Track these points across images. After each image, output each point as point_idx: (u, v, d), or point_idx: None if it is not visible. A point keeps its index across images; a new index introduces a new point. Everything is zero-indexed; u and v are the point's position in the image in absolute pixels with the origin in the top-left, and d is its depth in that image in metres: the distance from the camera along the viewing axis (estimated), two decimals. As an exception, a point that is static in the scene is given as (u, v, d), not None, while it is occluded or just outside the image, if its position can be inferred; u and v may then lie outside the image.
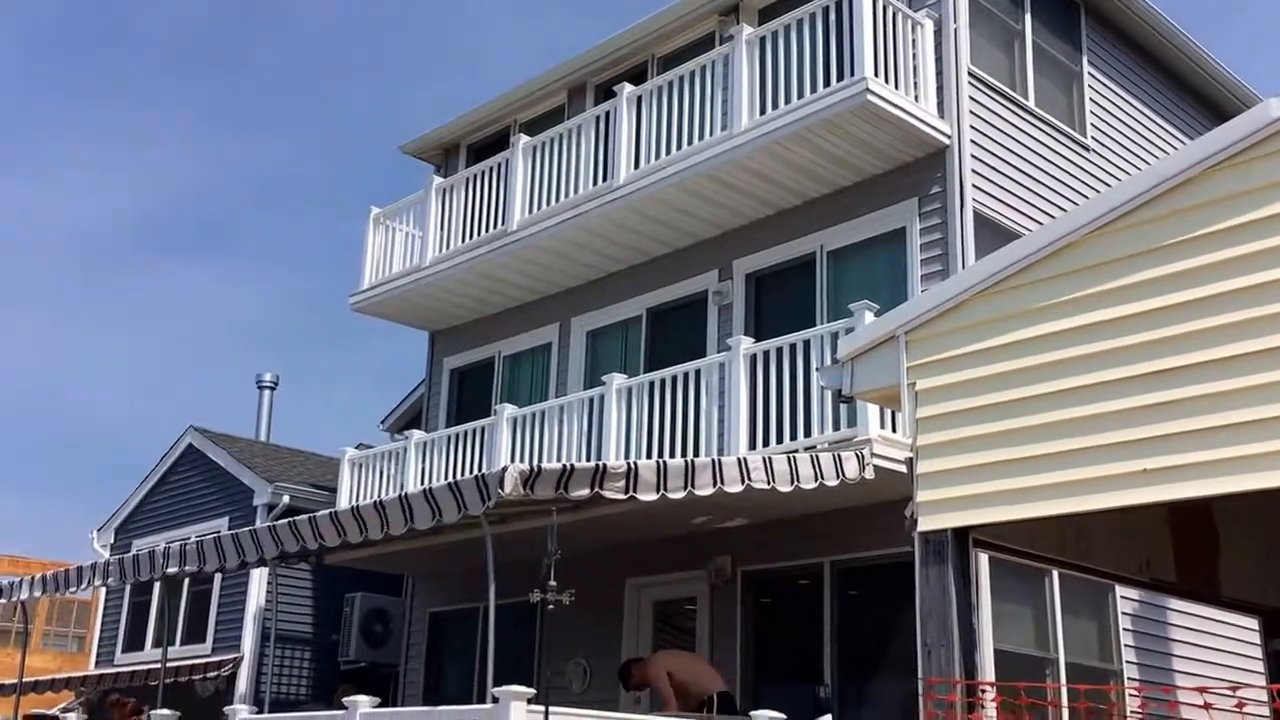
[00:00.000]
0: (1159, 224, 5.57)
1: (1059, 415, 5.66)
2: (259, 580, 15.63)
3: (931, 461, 5.98)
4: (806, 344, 10.45)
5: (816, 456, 9.61)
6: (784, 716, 8.46)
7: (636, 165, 12.52)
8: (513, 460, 12.25)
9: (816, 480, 9.50)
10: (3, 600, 13.20)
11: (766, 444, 10.60)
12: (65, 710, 13.40)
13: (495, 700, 7.09)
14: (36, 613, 21.21)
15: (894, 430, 10.05)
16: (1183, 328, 5.41)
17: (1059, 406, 5.66)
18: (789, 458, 9.45)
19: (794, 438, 10.47)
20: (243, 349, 78.25)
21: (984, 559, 7.99)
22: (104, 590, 18.90)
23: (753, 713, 8.49)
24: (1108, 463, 5.49)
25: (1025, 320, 5.89)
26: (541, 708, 7.10)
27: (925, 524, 5.85)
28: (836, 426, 10.25)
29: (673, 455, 10.88)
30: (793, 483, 9.35)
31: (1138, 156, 13.22)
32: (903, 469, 9.65)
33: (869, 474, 9.72)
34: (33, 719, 12.47)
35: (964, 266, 10.23)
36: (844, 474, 9.61)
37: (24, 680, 13.22)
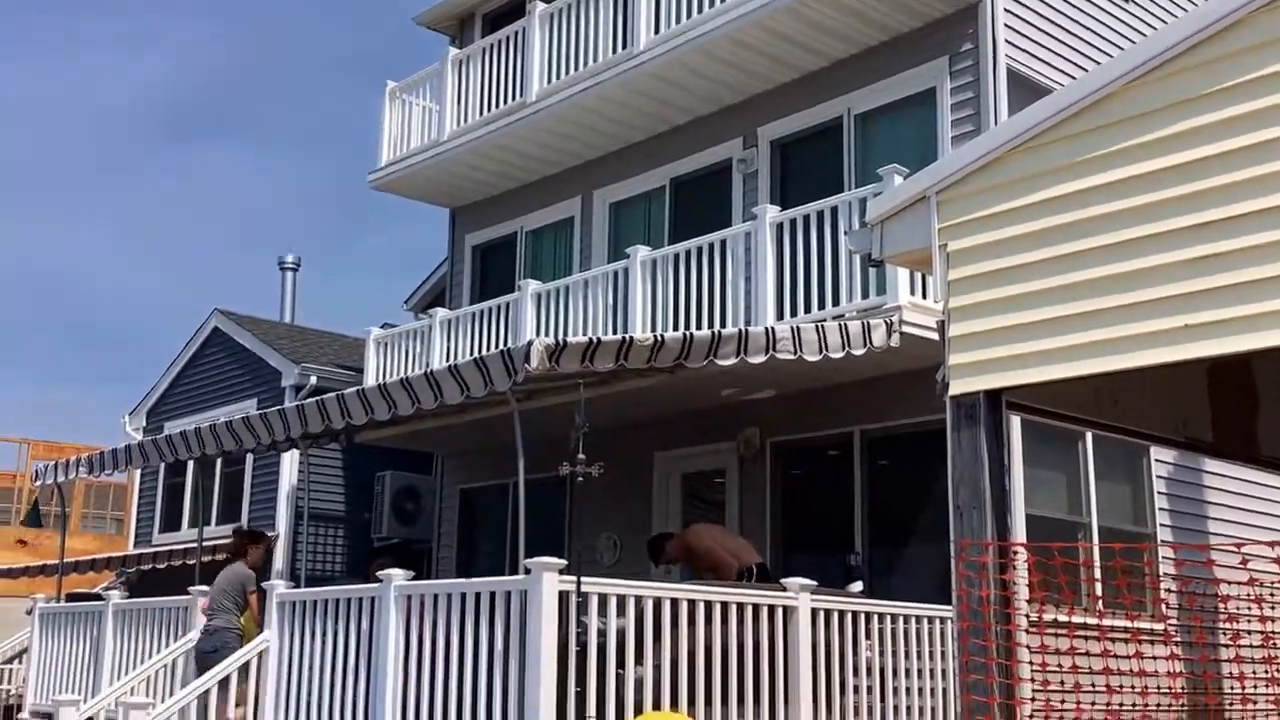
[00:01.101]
0: (1201, 71, 5.33)
1: (1096, 273, 5.50)
2: (291, 460, 15.75)
3: (964, 324, 5.84)
4: (834, 211, 10.24)
5: (845, 325, 9.48)
6: (815, 583, 8.47)
7: (656, 30, 12.18)
8: (538, 336, 12.18)
9: (845, 349, 9.38)
10: (41, 483, 13.37)
11: (794, 314, 10.46)
12: (107, 589, 13.62)
13: (527, 571, 7.10)
14: (74, 496, 21.53)
15: (924, 296, 9.88)
16: (1225, 178, 5.21)
17: (1096, 264, 5.50)
18: (817, 327, 9.33)
19: (822, 307, 10.32)
20: (265, 233, 78.16)
21: (1016, 424, 7.91)
22: (139, 473, 19.15)
23: (784, 580, 8.50)
24: (1146, 320, 5.34)
25: (1061, 176, 5.70)
26: (573, 578, 7.11)
27: (957, 387, 5.74)
28: (865, 294, 10.09)
29: (699, 327, 10.77)
30: (821, 352, 9.24)
31: (1178, 5, 12.73)
32: (933, 336, 9.53)
33: (898, 341, 9.59)
34: (76, 598, 12.70)
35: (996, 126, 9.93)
36: (873, 342, 9.48)
37: (65, 561, 13.45)
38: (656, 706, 7.38)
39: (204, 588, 9.76)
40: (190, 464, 15.93)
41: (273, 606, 8.82)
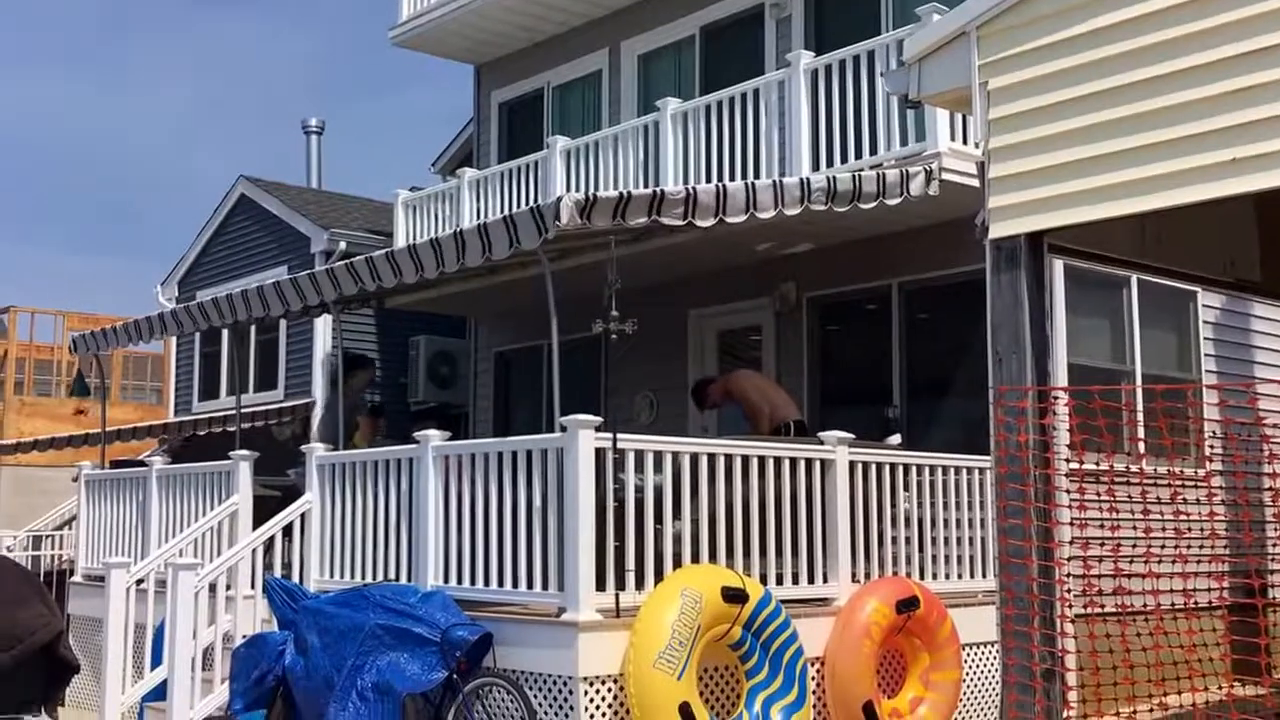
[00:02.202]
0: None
1: (1141, 107, 5.28)
2: (324, 327, 15.77)
3: (1004, 165, 5.65)
4: (870, 55, 9.92)
5: (883, 174, 9.26)
6: (852, 436, 8.43)
7: None
8: (567, 193, 12.01)
9: (882, 199, 9.19)
10: (79, 354, 13.47)
11: (830, 164, 10.24)
12: (151, 456, 13.82)
13: (564, 429, 7.09)
14: (113, 367, 21.77)
15: (964, 142, 9.62)
16: (1275, 3, 4.94)
17: (1141, 97, 5.27)
18: (854, 176, 9.12)
19: (859, 156, 10.09)
20: (288, 98, 77.44)
21: (1059, 271, 7.72)
22: (175, 344, 19.29)
23: (821, 433, 8.46)
24: (1193, 154, 5.14)
25: (1105, 5, 5.43)
26: (609, 435, 7.09)
27: (997, 230, 5.57)
28: (904, 142, 9.84)
29: (733, 181, 10.56)
30: (857, 202, 9.04)
31: None
32: (973, 183, 9.28)
33: (937, 190, 9.38)
34: (120, 465, 12.89)
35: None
36: (911, 191, 9.27)
37: (108, 430, 13.61)
38: (695, 560, 7.43)
39: (245, 452, 9.84)
40: (225, 333, 16.00)
41: (313, 469, 8.89)
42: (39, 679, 8.53)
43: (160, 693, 8.58)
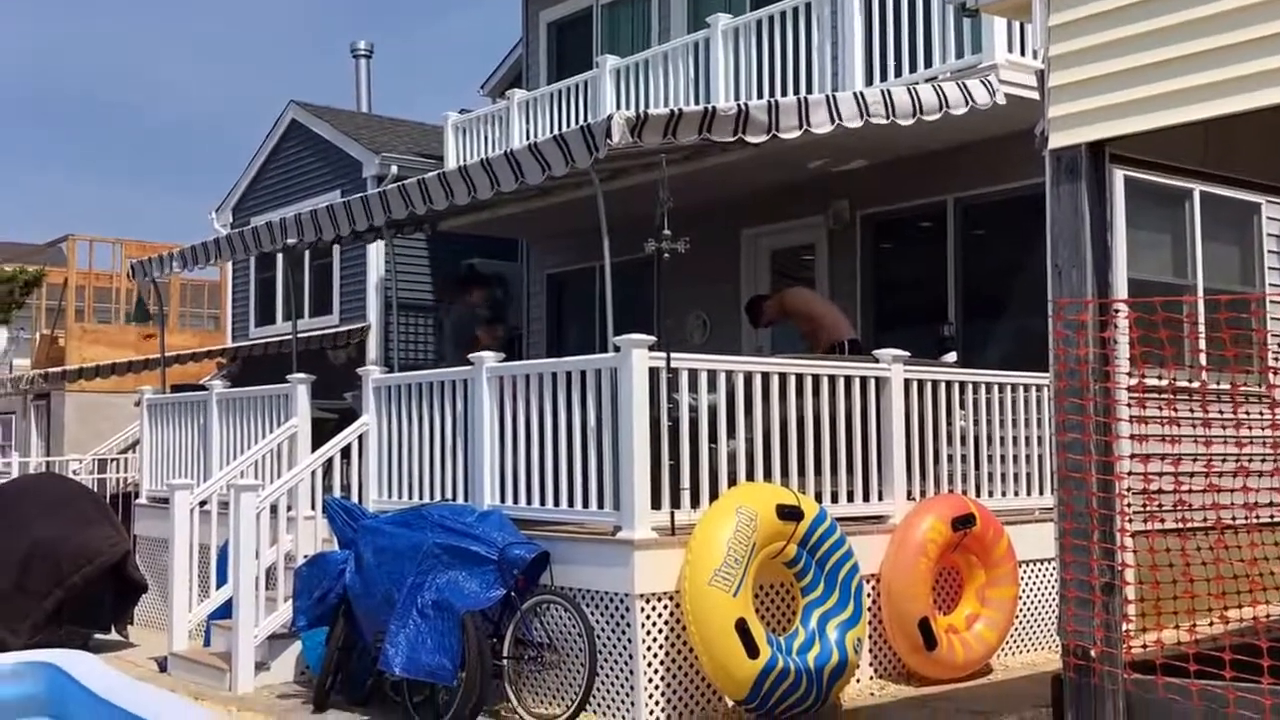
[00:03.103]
0: None
1: (1209, 9, 5.09)
2: (377, 252, 15.85)
3: (1065, 72, 5.49)
4: (925, -35, 9.69)
5: (939, 86, 9.09)
6: (907, 354, 8.37)
7: None
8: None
9: (939, 111, 9.02)
10: (138, 279, 13.63)
11: (884, 79, 10.07)
12: (211, 379, 14.02)
13: (617, 349, 7.09)
14: (170, 294, 22.03)
15: (1022, 54, 9.42)
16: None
17: None
18: (909, 89, 8.96)
19: (913, 70, 9.91)
20: (338, 21, 77.16)
21: (1120, 183, 7.56)
22: (231, 270, 19.48)
23: (876, 351, 8.41)
24: (1261, 58, 4.96)
25: (1176, -96, 5.23)
26: (663, 354, 7.09)
27: (1057, 140, 5.44)
28: (960, 54, 9.65)
29: (784, 97, 10.41)
30: (913, 115, 8.89)
31: None
32: (1030, 95, 9.11)
33: (996, 101, 9.20)
34: (181, 389, 13.09)
35: None
36: (969, 102, 9.10)
37: (167, 355, 13.81)
38: (750, 479, 7.44)
39: (302, 375, 9.94)
40: (279, 259, 16.11)
41: (369, 391, 8.98)
42: (109, 598, 8.83)
43: (225, 611, 8.78)
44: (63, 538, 9.64)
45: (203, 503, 9.40)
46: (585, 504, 7.30)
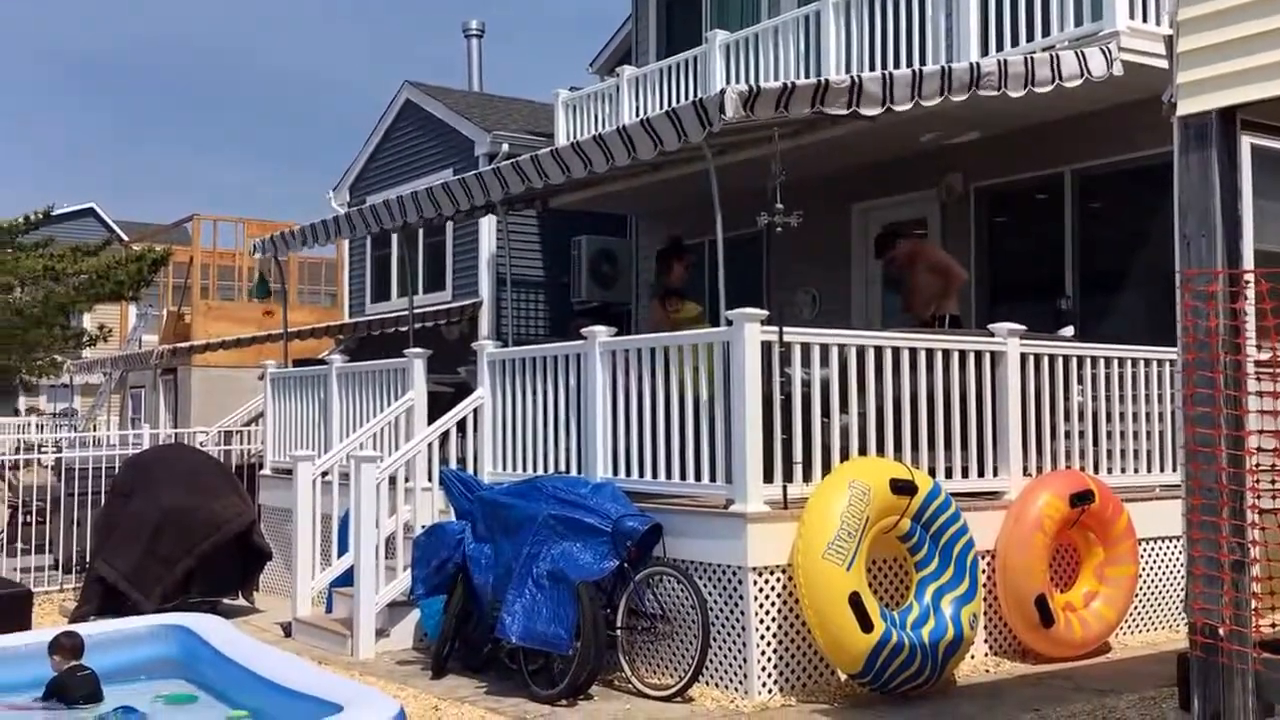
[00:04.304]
0: None
1: (1350, -30, 4.93)
2: (489, 228, 16.07)
3: (1195, 36, 5.35)
4: (1043, -69, 9.49)
5: (1057, 56, 8.91)
6: (1024, 328, 8.25)
7: None
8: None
9: (1056, 82, 8.85)
10: (259, 257, 13.99)
11: (1000, 49, 9.90)
12: (330, 354, 14.36)
13: (729, 323, 7.11)
14: (290, 271, 22.58)
15: (1144, 20, 9.19)
16: None
17: (1351, -40, 4.93)
18: (1026, 59, 8.79)
19: (1030, 39, 9.73)
20: (449, 2, 77.91)
21: (1246, 151, 7.34)
22: (348, 249, 19.90)
23: (991, 325, 8.31)
24: (1407, 21, 4.79)
25: None
26: (775, 329, 7.09)
27: (1186, 107, 5.31)
28: (1079, 21, 9.45)
29: (897, 69, 10.30)
30: (1030, 86, 8.73)
31: None
32: (1153, 62, 8.89)
33: (1116, 70, 9.00)
34: (301, 364, 13.43)
35: None
36: (1088, 72, 8.91)
37: (288, 330, 14.18)
38: (863, 453, 7.42)
39: (419, 350, 10.15)
40: (394, 236, 16.41)
41: (484, 365, 9.12)
42: (235, 565, 9.11)
43: (346, 579, 9.01)
44: (193, 507, 9.98)
45: (324, 473, 9.65)
46: (697, 477, 7.35)
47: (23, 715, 6.27)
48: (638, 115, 12.99)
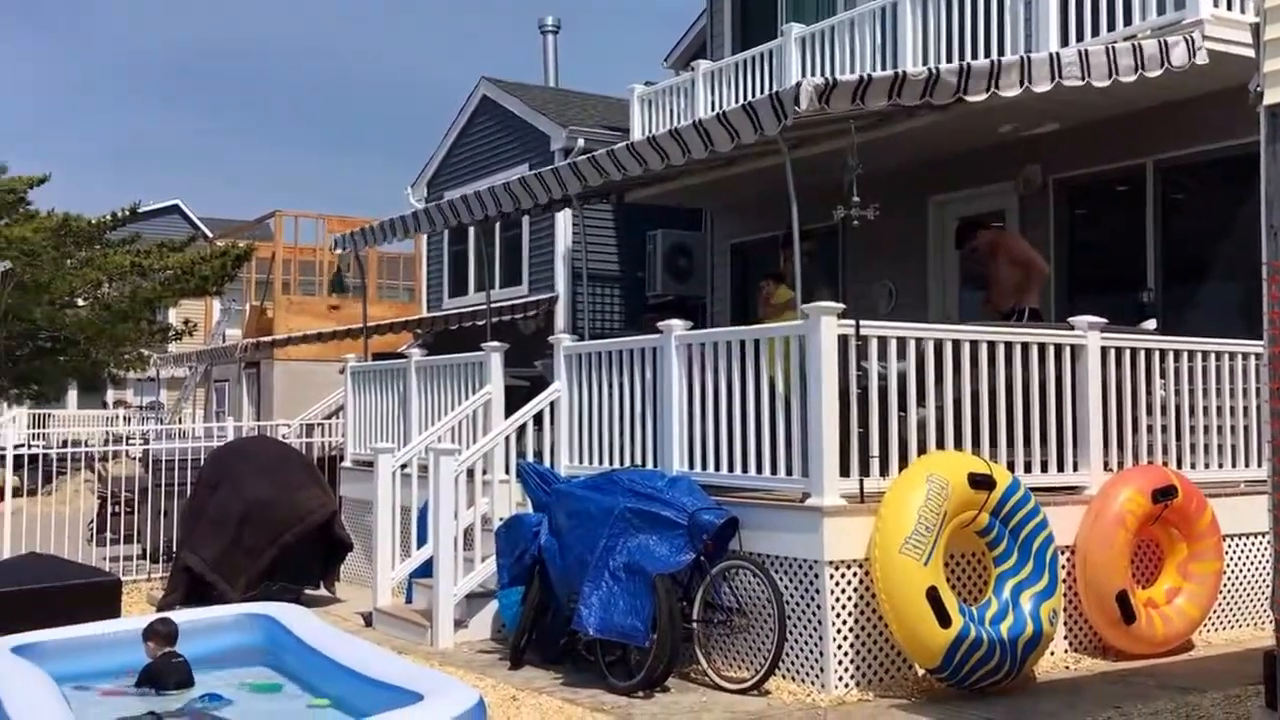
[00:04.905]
0: None
1: None
2: (565, 223, 16.18)
3: (1283, 25, 5.26)
4: (1125, -81, 9.35)
5: (1138, 45, 8.77)
6: (1104, 321, 8.15)
7: None
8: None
9: (1138, 72, 8.72)
10: (340, 252, 14.21)
11: (1080, 38, 9.76)
12: (408, 348, 14.55)
13: (806, 316, 7.11)
14: (369, 266, 22.92)
15: (1228, 8, 9.01)
16: None
17: None
18: (1107, 49, 8.67)
19: (1111, 28, 9.59)
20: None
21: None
22: (425, 244, 20.13)
23: (1072, 318, 8.21)
24: None
25: None
26: (851, 322, 7.07)
27: (1273, 95, 5.22)
28: (1161, 10, 9.29)
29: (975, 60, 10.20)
30: (1111, 77, 8.61)
31: None
32: (1238, 51, 8.74)
33: (1200, 59, 8.84)
34: (381, 357, 13.64)
35: None
36: (1171, 62, 8.76)
37: (368, 325, 14.39)
38: (940, 447, 7.38)
39: (496, 344, 10.25)
40: (471, 231, 16.59)
41: (560, 359, 9.20)
42: (317, 556, 9.25)
43: (425, 570, 9.14)
44: (276, 498, 10.19)
45: (403, 466, 9.79)
46: (774, 470, 7.35)
47: (118, 700, 6.44)
48: (713, 109, 13.00)
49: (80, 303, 24.01)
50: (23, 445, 17.43)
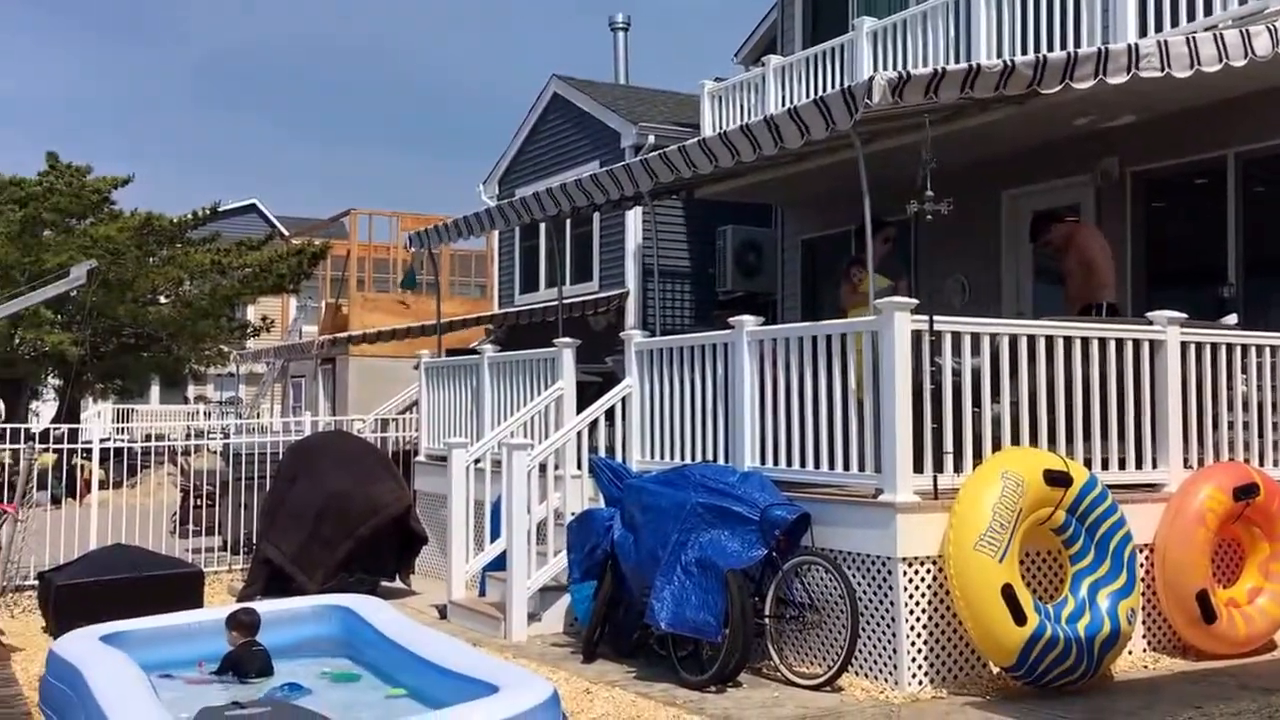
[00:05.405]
0: None
1: None
2: (635, 220, 16.23)
3: (1370, 14, 5.16)
4: (1205, -94, 9.18)
5: (1219, 34, 8.61)
6: (1184, 316, 8.02)
7: None
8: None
9: (1219, 62, 8.55)
10: (414, 250, 14.37)
11: (1159, 29, 9.61)
12: (481, 344, 14.69)
13: (879, 312, 7.08)
14: (441, 263, 23.17)
15: (1314, -5, 8.82)
16: None
17: None
18: (1187, 39, 8.52)
19: (1191, 18, 9.44)
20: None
21: None
22: (497, 240, 20.30)
23: (1150, 313, 8.10)
24: None
25: None
26: (925, 318, 7.03)
27: (1360, 87, 5.13)
28: (1243, 0, 9.11)
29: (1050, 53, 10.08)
30: (1192, 67, 8.45)
31: None
32: (1324, 39, 8.54)
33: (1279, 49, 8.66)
34: (454, 353, 13.77)
35: None
36: (1252, 52, 8.59)
37: (441, 321, 14.54)
38: (1015, 443, 7.32)
39: (568, 340, 10.32)
40: (542, 228, 16.68)
41: (631, 355, 9.24)
42: (393, 548, 9.40)
43: (499, 563, 9.23)
44: (353, 492, 10.35)
45: (476, 460, 9.90)
46: (846, 467, 7.34)
47: (200, 688, 6.59)
48: (783, 105, 12.97)
49: (162, 300, 24.51)
50: (108, 439, 17.85)
